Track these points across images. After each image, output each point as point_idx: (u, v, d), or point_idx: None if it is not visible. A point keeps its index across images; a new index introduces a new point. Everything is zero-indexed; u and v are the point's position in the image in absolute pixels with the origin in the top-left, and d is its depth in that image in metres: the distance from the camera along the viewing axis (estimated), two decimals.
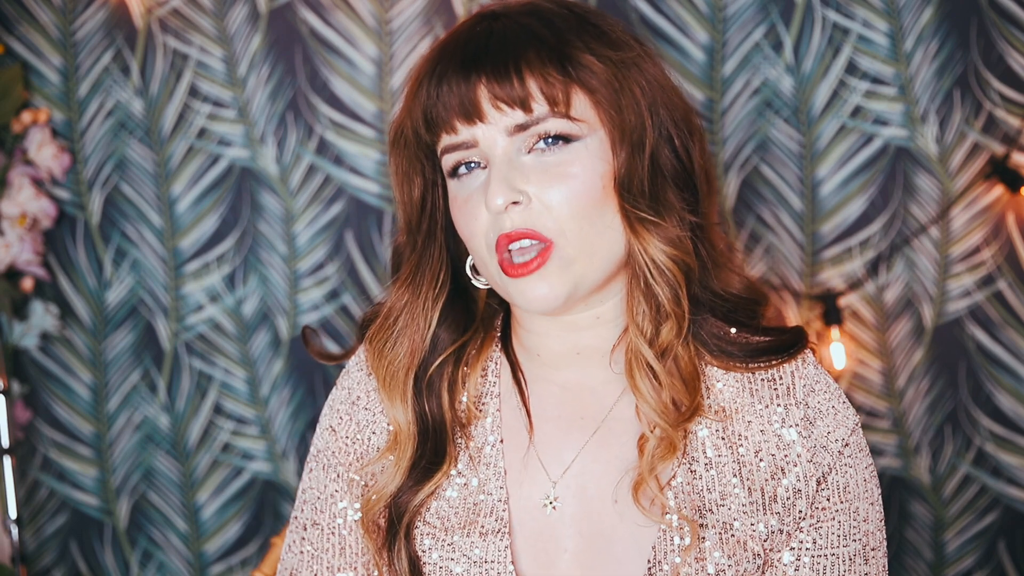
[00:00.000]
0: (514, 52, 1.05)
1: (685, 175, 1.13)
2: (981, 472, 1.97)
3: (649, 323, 1.11)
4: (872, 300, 1.96)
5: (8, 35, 1.98)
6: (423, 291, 1.15)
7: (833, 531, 1.14)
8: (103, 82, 1.99)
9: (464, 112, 1.06)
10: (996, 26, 1.89)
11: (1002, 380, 1.95)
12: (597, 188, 1.07)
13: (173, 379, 2.03)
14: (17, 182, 1.94)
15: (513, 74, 1.04)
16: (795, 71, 1.93)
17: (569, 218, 1.06)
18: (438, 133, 1.09)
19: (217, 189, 1.99)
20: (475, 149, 1.08)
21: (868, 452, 1.19)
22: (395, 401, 1.16)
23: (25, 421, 2.02)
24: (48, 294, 2.02)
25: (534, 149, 1.07)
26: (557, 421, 1.17)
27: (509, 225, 1.06)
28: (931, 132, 1.92)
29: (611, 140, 1.08)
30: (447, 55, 1.08)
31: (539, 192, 1.06)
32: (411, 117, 1.11)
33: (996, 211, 1.92)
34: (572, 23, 1.08)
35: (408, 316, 1.15)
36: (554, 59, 1.05)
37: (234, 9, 1.96)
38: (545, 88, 1.05)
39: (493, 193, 1.05)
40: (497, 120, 1.06)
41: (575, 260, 1.07)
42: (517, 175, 1.06)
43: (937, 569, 1.99)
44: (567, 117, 1.06)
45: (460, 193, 1.11)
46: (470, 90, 1.05)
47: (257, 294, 2.01)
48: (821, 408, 1.16)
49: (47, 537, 2.06)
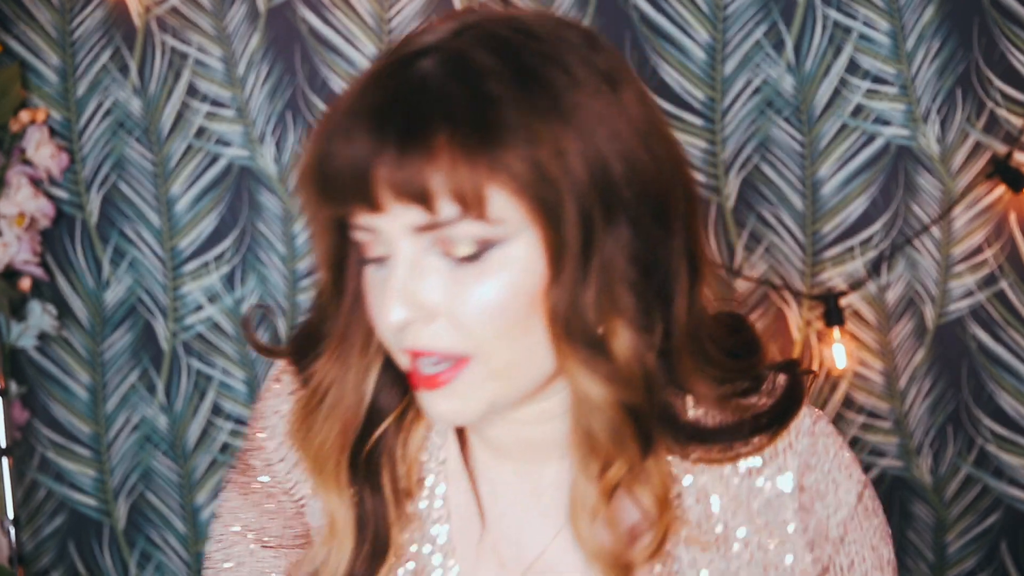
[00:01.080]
0: (425, 126, 0.80)
1: (655, 267, 0.87)
2: (983, 473, 1.96)
3: (595, 463, 0.90)
4: (873, 300, 1.95)
5: (6, 34, 1.98)
6: (354, 361, 0.94)
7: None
8: (101, 81, 1.98)
9: (361, 195, 0.82)
10: (998, 25, 1.89)
11: (1004, 380, 1.94)
12: (523, 304, 0.84)
13: (172, 379, 2.03)
14: (15, 182, 1.94)
15: (414, 163, 0.79)
16: (796, 70, 1.93)
17: (488, 337, 0.84)
18: (337, 208, 0.85)
19: (216, 189, 1.99)
20: (379, 239, 0.85)
21: (876, 514, 0.99)
22: (329, 489, 0.96)
23: (23, 421, 2.02)
24: (46, 294, 2.01)
25: (446, 253, 0.83)
26: (512, 510, 0.99)
27: (410, 343, 0.85)
28: (933, 131, 1.91)
29: (544, 247, 0.83)
30: (351, 110, 0.83)
31: (449, 308, 0.84)
32: (308, 178, 0.86)
33: (998, 211, 1.92)
34: (509, 87, 0.81)
35: (338, 391, 0.94)
36: (470, 146, 0.79)
37: (233, 8, 1.96)
38: (454, 184, 0.80)
39: (387, 308, 0.83)
40: (398, 214, 0.82)
41: (497, 376, 0.86)
42: (420, 286, 0.83)
43: (939, 570, 1.98)
44: (483, 219, 0.81)
45: (370, 278, 0.88)
46: (366, 170, 0.81)
47: (256, 294, 2.00)
48: (831, 473, 0.97)
49: (45, 538, 2.06)
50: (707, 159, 1.94)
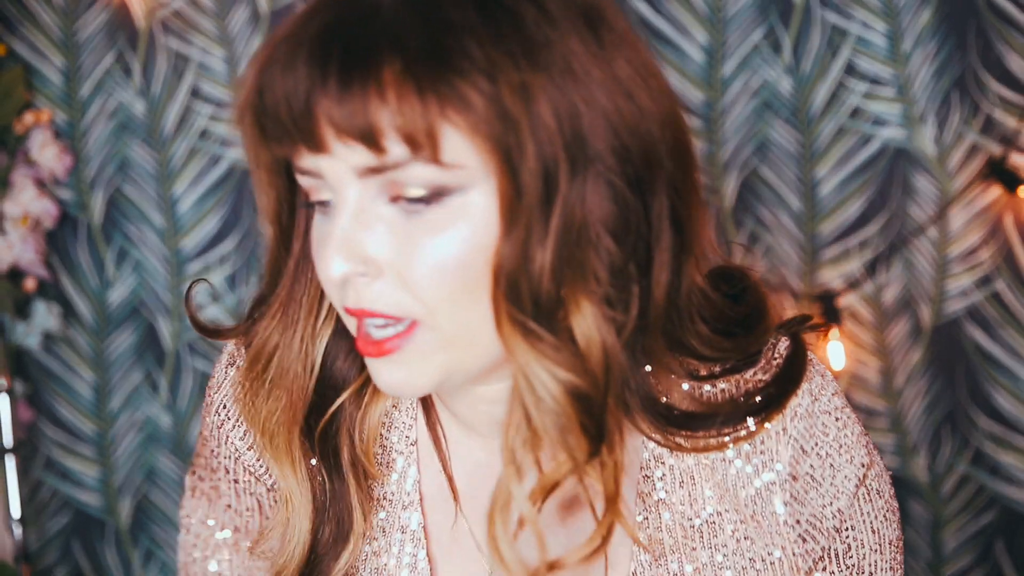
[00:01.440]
0: (371, 56, 0.69)
1: (629, 232, 0.75)
2: (979, 471, 1.97)
3: (528, 454, 0.77)
4: (871, 300, 1.96)
5: (10, 36, 1.99)
6: (300, 325, 0.84)
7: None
8: (105, 83, 1.99)
9: (302, 134, 0.72)
10: (994, 27, 1.90)
11: (1000, 380, 1.95)
12: (479, 262, 0.73)
13: (175, 379, 2.04)
14: (20, 183, 1.95)
15: (356, 96, 0.69)
16: (794, 72, 1.94)
17: (439, 298, 0.73)
18: (278, 148, 0.75)
19: (219, 190, 2.00)
20: (324, 180, 0.75)
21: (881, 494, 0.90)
22: (282, 464, 0.87)
23: (28, 421, 2.03)
24: (50, 294, 2.02)
25: (396, 198, 0.73)
26: (484, 491, 0.88)
27: (352, 301, 0.75)
28: (929, 133, 1.93)
29: (499, 200, 0.72)
30: (293, 37, 0.73)
31: (397, 264, 0.73)
32: (247, 116, 0.77)
33: (994, 212, 1.93)
34: (471, 12, 0.70)
35: (283, 358, 0.84)
36: (419, 76, 0.69)
37: (236, 10, 1.97)
38: (402, 121, 0.69)
39: (326, 258, 0.73)
40: (343, 155, 0.72)
41: (450, 344, 0.76)
42: (365, 237, 0.73)
43: (935, 568, 2.00)
44: (436, 163, 0.71)
45: (315, 227, 0.79)
46: (310, 105, 0.71)
47: None
48: (815, 475, 0.88)
49: (50, 536, 2.07)
50: (706, 160, 1.95)
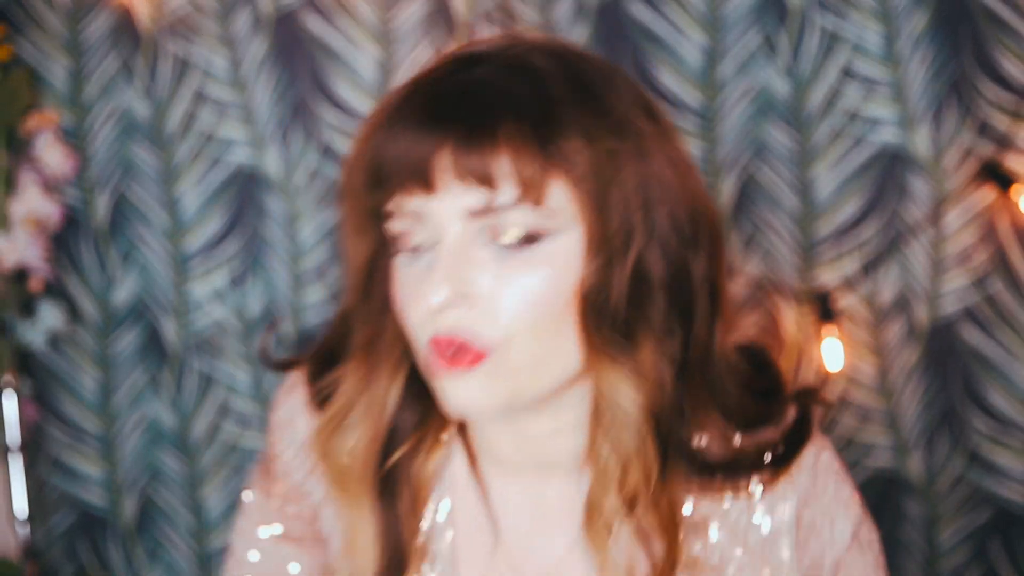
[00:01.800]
0: (490, 116, 0.84)
1: (679, 288, 0.88)
2: (974, 470, 1.97)
3: (617, 468, 0.89)
4: (867, 300, 1.96)
5: (17, 39, 1.99)
6: (381, 367, 0.93)
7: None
8: (110, 86, 2.00)
9: (417, 175, 0.84)
10: (989, 31, 1.90)
11: (995, 380, 1.95)
12: (560, 298, 0.85)
13: (179, 378, 2.04)
14: (25, 184, 1.95)
15: (485, 143, 0.83)
16: (791, 74, 1.94)
17: (521, 329, 0.85)
18: (384, 194, 0.87)
19: (222, 191, 2.01)
20: (424, 225, 0.86)
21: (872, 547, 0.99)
22: (351, 506, 0.96)
23: (33, 420, 2.03)
24: (56, 294, 2.03)
25: (494, 241, 0.85)
26: (520, 526, 0.98)
27: (444, 328, 0.85)
28: (925, 135, 1.93)
29: (587, 242, 0.85)
30: (411, 103, 0.87)
31: (490, 296, 0.85)
32: (359, 168, 0.89)
33: (989, 213, 1.93)
34: (568, 91, 0.86)
35: (366, 405, 0.94)
36: (536, 136, 0.83)
37: (239, 14, 1.98)
38: (519, 168, 0.83)
39: (433, 286, 0.84)
40: (456, 197, 0.84)
41: (517, 372, 0.86)
42: (466, 271, 0.85)
43: (930, 567, 2.00)
44: (538, 207, 0.84)
45: (402, 272, 0.89)
46: (430, 153, 0.84)
47: (262, 295, 2.02)
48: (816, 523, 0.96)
49: (55, 535, 2.07)
50: (703, 162, 1.95)
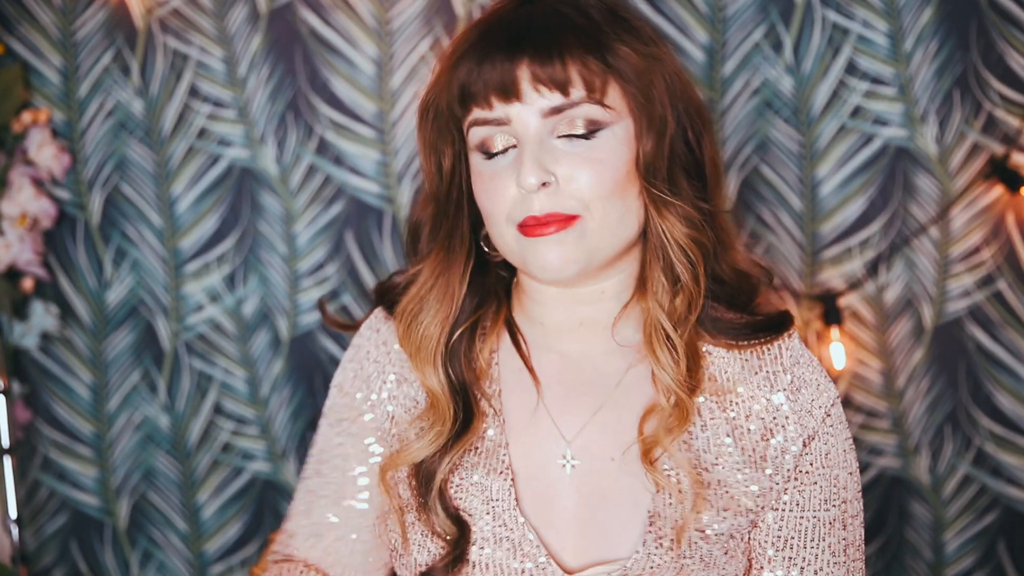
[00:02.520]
0: (556, 37, 1.09)
1: (696, 165, 1.18)
2: (981, 472, 1.97)
3: (667, 296, 1.17)
4: (872, 300, 1.96)
5: (8, 35, 1.98)
6: (455, 259, 1.19)
7: (815, 495, 1.20)
8: (103, 82, 1.99)
9: (503, 89, 1.10)
10: (996, 26, 1.89)
11: (1002, 380, 1.95)
12: (621, 172, 1.12)
13: (173, 379, 2.03)
14: (17, 182, 1.94)
15: (556, 58, 1.09)
16: (795, 71, 1.93)
17: (594, 199, 1.11)
18: (471, 107, 1.13)
19: (217, 189, 2.00)
20: (506, 127, 1.12)
21: (847, 426, 1.24)
22: (427, 369, 1.20)
23: (25, 421, 2.02)
24: (48, 294, 2.02)
25: (564, 134, 1.11)
26: (559, 387, 1.22)
27: (538, 208, 1.11)
28: (931, 132, 1.92)
29: (636, 128, 1.13)
30: (488, 35, 1.12)
31: (568, 175, 1.11)
32: (447, 90, 1.14)
33: (996, 211, 1.92)
34: (607, 16, 1.13)
35: (443, 285, 1.19)
36: (593, 48, 1.10)
37: (234, 9, 1.96)
38: (585, 74, 1.09)
39: (527, 172, 1.09)
40: (534, 101, 1.10)
41: (594, 234, 1.13)
42: (548, 157, 1.10)
43: (937, 569, 1.99)
44: (601, 104, 1.11)
45: (486, 169, 1.14)
46: (512, 68, 1.09)
47: (257, 294, 2.01)
48: (806, 378, 1.22)
49: (47, 537, 2.06)
50: None
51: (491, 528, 1.18)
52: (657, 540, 1.16)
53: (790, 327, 1.24)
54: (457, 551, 1.18)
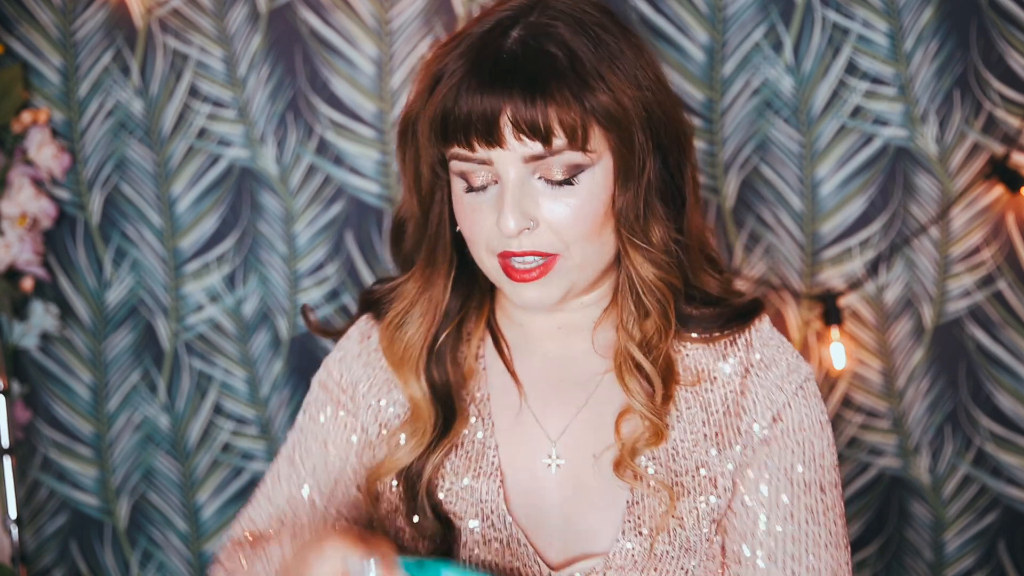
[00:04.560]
0: (540, 83, 1.09)
1: (674, 189, 1.20)
2: (981, 472, 1.97)
3: (637, 328, 1.20)
4: (872, 300, 1.96)
5: (8, 35, 1.98)
6: (439, 272, 1.22)
7: (788, 458, 1.21)
8: (103, 82, 1.99)
9: (486, 135, 1.10)
10: (996, 26, 1.89)
11: (1002, 380, 1.95)
12: (600, 213, 1.14)
13: (173, 379, 2.03)
14: (17, 182, 1.94)
15: (539, 106, 1.08)
16: (795, 71, 1.93)
17: (573, 239, 1.14)
18: (451, 144, 1.13)
19: (217, 189, 2.00)
20: (487, 167, 1.13)
21: (822, 401, 1.25)
22: (410, 379, 1.24)
23: (25, 421, 2.02)
24: (48, 294, 2.02)
25: (545, 177, 1.12)
26: (542, 387, 1.26)
27: (517, 247, 1.14)
28: (931, 132, 1.92)
29: (615, 167, 1.14)
30: (475, 66, 1.11)
31: (548, 217, 1.13)
32: (428, 115, 1.14)
33: (996, 211, 1.92)
34: (589, 50, 1.12)
35: (426, 300, 1.23)
36: (576, 94, 1.10)
37: (234, 9, 1.96)
38: (567, 122, 1.09)
39: (506, 219, 1.11)
40: (515, 148, 1.11)
41: (573, 270, 1.16)
42: (529, 202, 1.12)
43: (937, 569, 1.99)
44: (582, 150, 1.11)
45: (467, 200, 1.16)
46: (496, 113, 1.09)
47: (257, 294, 2.01)
48: (775, 357, 1.24)
49: (47, 537, 2.06)
50: (706, 159, 1.94)
51: (480, 529, 1.22)
52: (636, 529, 1.19)
53: (760, 313, 1.26)
54: (444, 549, 1.21)
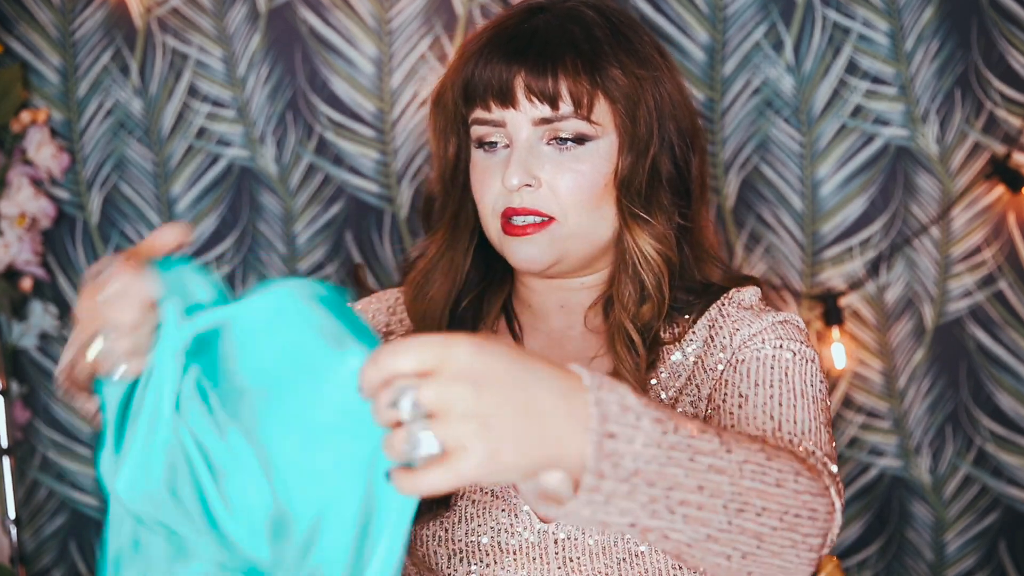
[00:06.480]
0: (553, 53, 1.19)
1: (680, 181, 1.26)
2: (982, 472, 1.96)
3: (633, 304, 1.26)
4: (873, 300, 1.95)
5: (7, 35, 1.98)
6: (460, 236, 1.29)
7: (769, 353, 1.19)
8: (102, 82, 1.98)
9: (501, 95, 1.20)
10: (997, 26, 1.89)
11: (1003, 380, 1.94)
12: (599, 184, 1.21)
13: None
14: (16, 182, 1.94)
15: (549, 74, 1.18)
16: (795, 71, 1.93)
17: (571, 205, 1.20)
18: (473, 106, 1.23)
19: (216, 189, 1.99)
20: (502, 129, 1.21)
21: (807, 338, 1.21)
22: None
23: (24, 421, 2.02)
24: (47, 294, 2.01)
25: (552, 142, 1.20)
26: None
27: (518, 202, 1.21)
28: (932, 132, 1.92)
29: (619, 144, 1.21)
30: (495, 41, 1.22)
31: (550, 179, 1.20)
32: (453, 86, 1.25)
33: (997, 211, 1.92)
34: (608, 34, 1.21)
35: (448, 261, 1.30)
36: (586, 68, 1.19)
37: (233, 9, 1.96)
38: (574, 91, 1.18)
39: (511, 173, 1.19)
40: (527, 109, 1.19)
41: (566, 238, 1.22)
42: (534, 161, 1.20)
43: (938, 569, 1.99)
44: (587, 120, 1.19)
45: (481, 162, 1.24)
46: (509, 78, 1.19)
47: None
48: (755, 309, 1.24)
49: (46, 537, 2.06)
50: None
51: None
52: None
53: (748, 286, 1.28)
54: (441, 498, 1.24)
